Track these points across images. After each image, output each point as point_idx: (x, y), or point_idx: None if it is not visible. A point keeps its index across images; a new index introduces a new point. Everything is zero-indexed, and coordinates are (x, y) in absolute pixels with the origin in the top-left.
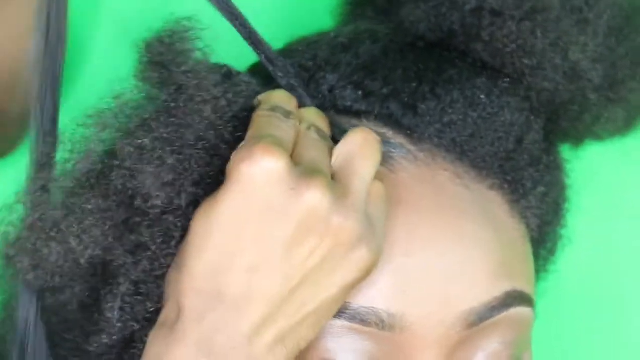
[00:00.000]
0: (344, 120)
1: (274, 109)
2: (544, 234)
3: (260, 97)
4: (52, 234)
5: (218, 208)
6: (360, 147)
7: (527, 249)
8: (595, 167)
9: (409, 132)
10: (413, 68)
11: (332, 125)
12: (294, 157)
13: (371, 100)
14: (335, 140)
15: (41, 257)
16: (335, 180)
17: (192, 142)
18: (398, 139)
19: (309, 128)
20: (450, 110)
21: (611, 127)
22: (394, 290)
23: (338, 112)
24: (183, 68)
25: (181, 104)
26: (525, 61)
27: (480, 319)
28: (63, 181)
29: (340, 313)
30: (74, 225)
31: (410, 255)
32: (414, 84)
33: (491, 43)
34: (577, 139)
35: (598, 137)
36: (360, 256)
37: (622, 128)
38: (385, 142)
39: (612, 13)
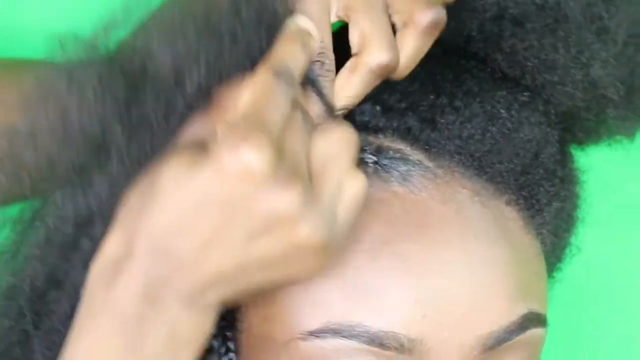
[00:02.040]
0: (360, 137)
1: (280, 72)
2: (555, 247)
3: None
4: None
5: (191, 179)
6: (337, 149)
7: (541, 266)
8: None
9: (427, 147)
10: (430, 79)
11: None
12: (278, 141)
13: (389, 115)
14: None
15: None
16: (311, 181)
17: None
18: (416, 155)
19: (295, 107)
20: (469, 125)
21: (620, 134)
22: (414, 315)
23: (354, 127)
24: None
25: None
26: (547, 76)
27: (499, 343)
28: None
29: (358, 335)
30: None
31: (430, 279)
32: (432, 97)
33: (512, 55)
34: (585, 144)
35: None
36: (314, 262)
37: (629, 134)
38: (404, 159)
39: (632, 20)
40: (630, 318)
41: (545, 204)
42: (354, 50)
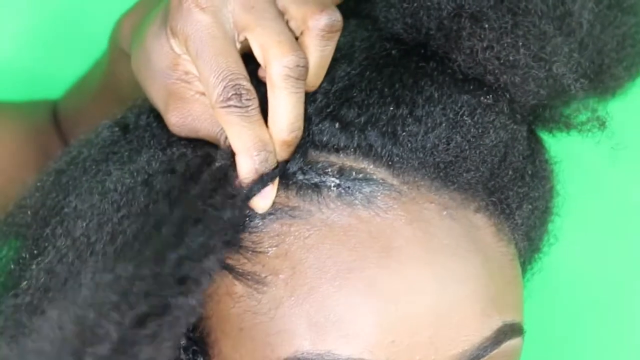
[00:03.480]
0: (321, 157)
1: None
2: (531, 243)
3: None
4: None
5: None
6: None
7: (516, 272)
8: (583, 162)
9: (390, 163)
10: (389, 87)
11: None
12: None
13: (349, 132)
14: None
15: None
16: None
17: None
18: (379, 173)
19: None
20: (432, 135)
21: (590, 122)
22: (382, 340)
23: (315, 147)
24: None
25: None
26: (508, 76)
27: None
28: None
29: None
30: None
31: (399, 303)
32: (392, 107)
33: (471, 55)
34: (556, 132)
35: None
36: None
37: (598, 123)
38: (367, 180)
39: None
40: (614, 311)
41: (516, 207)
42: (262, 65)
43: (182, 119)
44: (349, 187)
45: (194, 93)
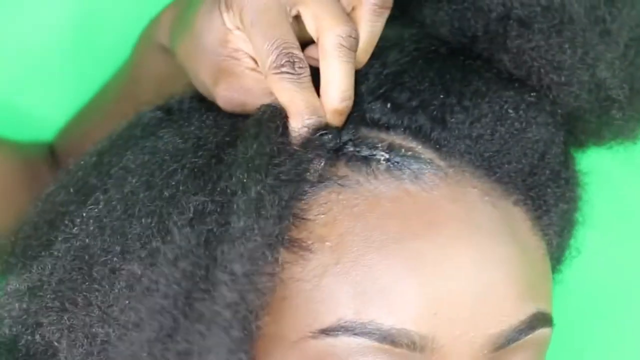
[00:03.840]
0: (372, 134)
1: None
2: (558, 248)
3: None
4: None
5: None
6: None
7: (548, 267)
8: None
9: (438, 146)
10: (439, 77)
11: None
12: None
13: (400, 113)
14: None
15: None
16: None
17: None
18: (427, 154)
19: None
20: (478, 125)
21: (623, 136)
22: (425, 312)
23: (365, 124)
24: None
25: None
26: (553, 77)
27: (508, 342)
28: None
29: (370, 333)
30: None
31: (441, 278)
32: (441, 96)
33: (518, 55)
34: (586, 146)
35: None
36: None
37: (631, 136)
38: (415, 157)
39: (634, 23)
40: (630, 321)
41: (552, 204)
42: (314, 37)
43: (231, 92)
44: (397, 162)
45: (243, 69)
